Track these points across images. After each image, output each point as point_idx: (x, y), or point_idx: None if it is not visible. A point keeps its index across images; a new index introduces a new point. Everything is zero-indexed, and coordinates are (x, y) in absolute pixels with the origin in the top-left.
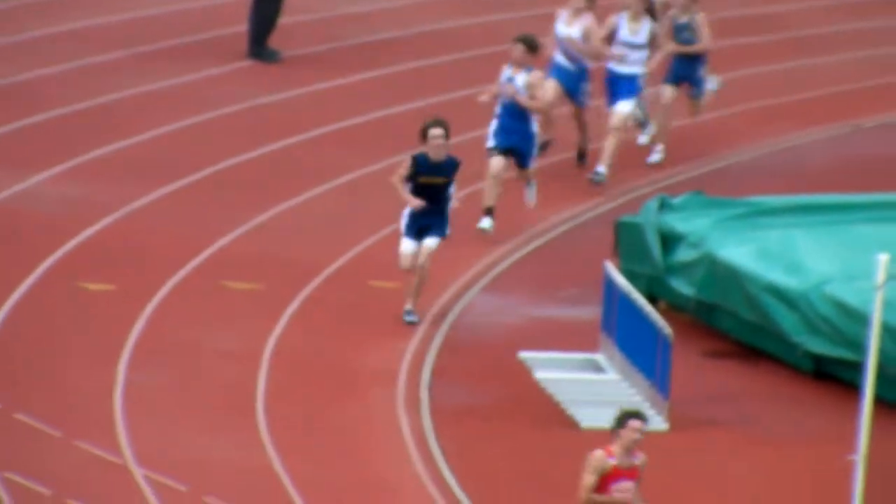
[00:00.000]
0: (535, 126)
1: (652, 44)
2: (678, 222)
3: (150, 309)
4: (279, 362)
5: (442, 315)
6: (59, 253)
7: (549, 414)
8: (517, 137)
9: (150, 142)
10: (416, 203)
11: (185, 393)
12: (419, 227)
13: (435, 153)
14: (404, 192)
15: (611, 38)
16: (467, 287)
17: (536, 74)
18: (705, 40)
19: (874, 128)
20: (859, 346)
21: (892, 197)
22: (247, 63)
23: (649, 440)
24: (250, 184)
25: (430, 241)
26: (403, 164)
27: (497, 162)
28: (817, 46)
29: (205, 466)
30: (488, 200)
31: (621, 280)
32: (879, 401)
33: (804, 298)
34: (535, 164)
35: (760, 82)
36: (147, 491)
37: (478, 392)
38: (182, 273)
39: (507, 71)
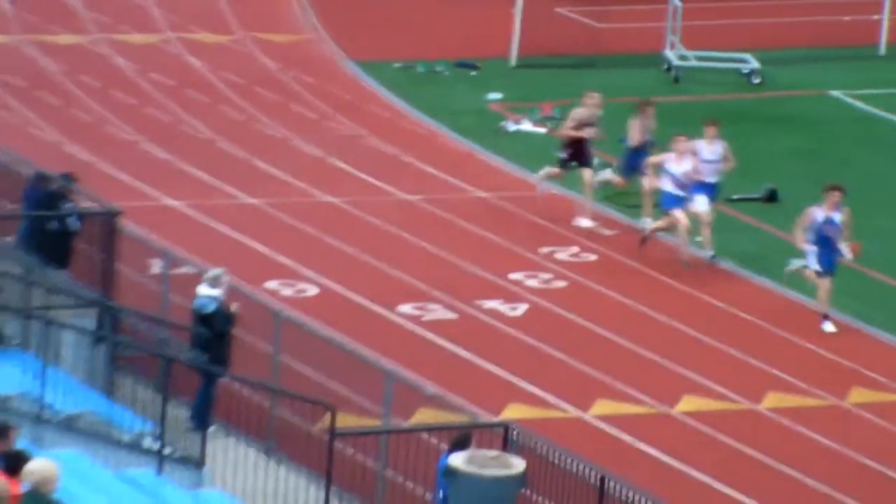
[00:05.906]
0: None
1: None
2: None
3: None
4: None
5: None
6: None
7: None
8: (834, 259)
9: None
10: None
11: None
12: None
13: None
14: None
15: None
16: None
17: (847, 210)
18: None
19: None
20: None
21: None
22: None
23: None
24: None
25: None
26: None
27: (827, 283)
28: None
29: None
30: (825, 308)
31: None
32: None
33: None
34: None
35: None
36: None
37: None
38: None
39: (818, 212)
